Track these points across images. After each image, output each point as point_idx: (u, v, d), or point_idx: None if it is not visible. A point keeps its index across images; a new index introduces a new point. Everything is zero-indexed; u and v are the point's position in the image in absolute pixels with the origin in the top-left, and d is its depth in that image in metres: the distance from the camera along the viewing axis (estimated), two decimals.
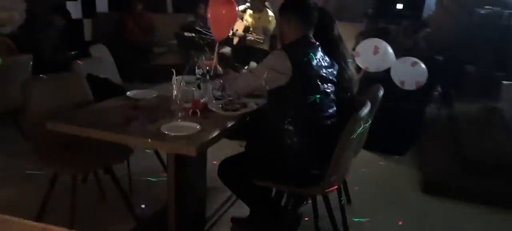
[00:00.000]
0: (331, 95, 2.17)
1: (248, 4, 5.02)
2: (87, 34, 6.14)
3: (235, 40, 5.08)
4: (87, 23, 6.17)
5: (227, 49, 5.10)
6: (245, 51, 5.03)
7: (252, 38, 4.85)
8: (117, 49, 5.76)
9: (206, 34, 4.82)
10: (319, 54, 2.14)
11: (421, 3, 3.61)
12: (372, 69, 3.84)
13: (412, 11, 3.67)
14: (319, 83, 2.08)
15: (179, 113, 2.22)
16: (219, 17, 2.90)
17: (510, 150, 3.52)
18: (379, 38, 4.24)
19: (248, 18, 5.15)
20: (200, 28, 4.94)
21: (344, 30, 5.99)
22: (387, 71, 3.88)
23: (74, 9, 5.85)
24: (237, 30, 5.12)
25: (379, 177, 3.59)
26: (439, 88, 4.90)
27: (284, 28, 2.20)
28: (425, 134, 4.23)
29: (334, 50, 2.39)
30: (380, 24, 4.42)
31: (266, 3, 5.19)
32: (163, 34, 6.22)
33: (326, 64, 2.16)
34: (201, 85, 2.48)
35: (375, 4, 3.82)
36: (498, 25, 4.97)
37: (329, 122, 2.15)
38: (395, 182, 3.52)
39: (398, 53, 4.45)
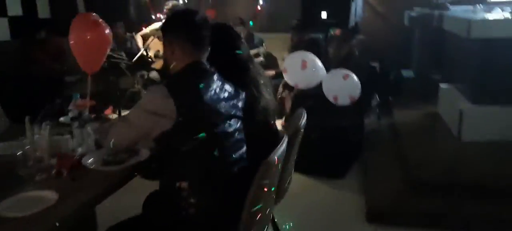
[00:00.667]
0: (236, 134, 1.69)
1: (163, 21, 4.49)
2: None
3: (158, 63, 4.54)
4: None
5: (154, 74, 4.54)
6: (167, 74, 4.49)
7: None
8: (22, 83, 5.07)
9: (119, 58, 4.24)
10: (216, 83, 1.66)
11: (347, 11, 3.26)
12: (302, 86, 3.45)
13: (337, 19, 3.32)
14: (216, 122, 1.59)
15: (37, 177, 1.65)
16: (84, 44, 2.35)
17: (457, 161, 3.24)
18: (309, 50, 3.88)
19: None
20: (110, 51, 4.32)
21: (278, 42, 5.76)
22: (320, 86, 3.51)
23: None
24: (158, 51, 4.57)
25: (317, 205, 3.17)
26: (377, 97, 4.61)
27: (167, 54, 1.71)
28: (366, 150, 3.88)
29: (241, 75, 1.93)
30: (307, 35, 4.07)
31: None
32: None
33: (226, 95, 1.68)
34: (75, 131, 1.93)
35: (300, 15, 3.43)
36: (430, 26, 4.78)
37: (236, 169, 1.67)
38: (336, 211, 3.11)
39: (331, 65, 4.13)
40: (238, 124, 1.70)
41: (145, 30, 4.57)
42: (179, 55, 1.65)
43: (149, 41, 4.46)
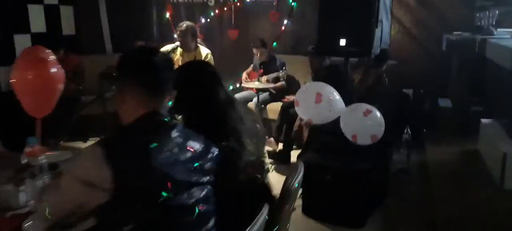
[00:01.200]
0: (199, 206, 1.33)
1: (177, 42, 4.23)
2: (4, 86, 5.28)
3: None
4: (5, 73, 5.31)
5: None
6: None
7: None
8: None
9: None
10: (175, 141, 1.32)
11: (369, 39, 2.85)
12: (316, 121, 3.06)
13: (358, 48, 2.91)
14: (170, 192, 1.25)
15: None
16: (27, 85, 2.07)
17: (498, 216, 2.74)
18: (329, 77, 3.50)
19: (179, 58, 4.36)
20: None
21: (302, 65, 5.40)
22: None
23: None
24: None
25: None
26: (408, 130, 4.14)
27: (117, 104, 1.39)
28: (390, 194, 3.42)
29: (218, 125, 1.59)
30: (327, 59, 3.69)
31: (199, 40, 4.43)
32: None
33: (188, 155, 1.34)
34: (27, 183, 1.65)
35: (316, 41, 3.06)
36: (471, 53, 4.28)
37: None
38: None
39: (355, 94, 3.73)
40: (203, 193, 1.35)
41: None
42: (131, 105, 1.34)
43: None
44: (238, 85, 5.35)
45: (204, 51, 4.27)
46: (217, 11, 5.79)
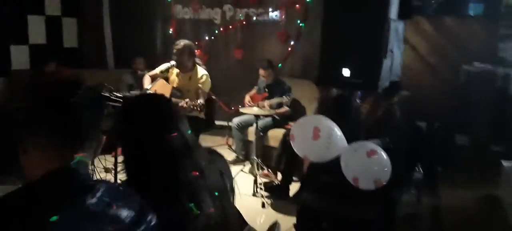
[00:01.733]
0: None
1: (173, 62, 3.95)
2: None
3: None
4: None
5: None
6: None
7: (185, 105, 3.71)
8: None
9: (115, 101, 3.71)
10: (93, 208, 0.98)
11: (377, 70, 2.50)
12: (313, 158, 2.71)
13: (363, 79, 2.56)
14: None
15: None
16: None
17: None
18: (335, 108, 3.17)
19: (175, 79, 4.08)
20: (109, 92, 3.84)
21: (311, 90, 5.07)
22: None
23: None
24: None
25: None
26: (420, 168, 3.75)
27: (20, 159, 1.07)
28: None
29: (167, 180, 1.27)
30: (333, 91, 3.36)
31: (197, 60, 4.13)
32: None
33: (112, 229, 1.01)
34: None
35: (317, 69, 2.72)
36: (492, 86, 3.89)
37: None
38: None
39: (362, 129, 3.37)
40: None
41: (155, 70, 4.04)
42: (34, 157, 1.02)
43: (152, 84, 3.93)
44: (240, 107, 5.03)
45: (201, 72, 3.98)
46: (222, 29, 5.52)
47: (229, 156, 5.02)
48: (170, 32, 5.76)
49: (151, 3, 5.88)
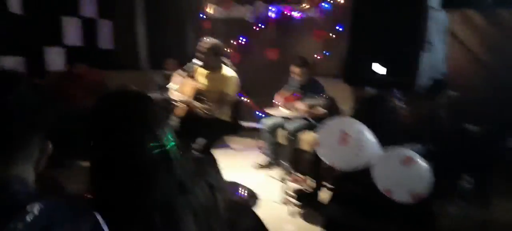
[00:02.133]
0: None
1: (198, 61, 3.76)
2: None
3: (181, 109, 3.82)
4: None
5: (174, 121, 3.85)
6: (191, 123, 3.76)
7: (197, 106, 3.57)
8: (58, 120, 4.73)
9: None
10: None
11: (414, 65, 2.16)
12: (340, 166, 2.42)
13: (398, 78, 2.23)
14: None
15: None
16: None
17: None
18: (371, 111, 2.85)
19: (201, 79, 3.89)
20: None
21: (348, 92, 4.74)
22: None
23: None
24: (187, 95, 3.85)
25: None
26: (470, 177, 3.33)
27: None
28: None
29: (137, 198, 1.04)
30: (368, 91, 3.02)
31: (225, 60, 3.92)
32: None
33: None
34: None
35: (345, 66, 2.41)
36: None
37: None
38: None
39: (400, 134, 3.03)
40: None
41: (182, 70, 3.87)
42: None
43: (175, 81, 3.78)
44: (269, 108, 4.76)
45: (226, 73, 3.76)
46: (255, 28, 5.30)
47: (260, 159, 4.79)
48: (202, 31, 5.61)
49: (183, 3, 5.77)
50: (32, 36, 5.04)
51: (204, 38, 3.81)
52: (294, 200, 3.64)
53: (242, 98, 5.37)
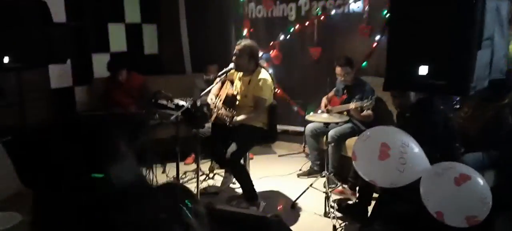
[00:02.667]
0: None
1: (231, 65, 3.56)
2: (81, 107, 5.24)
3: (214, 115, 3.67)
4: (81, 92, 5.28)
5: (205, 129, 3.71)
6: (223, 131, 3.59)
7: (219, 112, 3.41)
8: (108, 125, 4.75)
9: (167, 107, 3.45)
10: None
11: (468, 66, 1.81)
12: (382, 184, 2.11)
13: (448, 81, 1.88)
14: None
15: None
16: None
17: None
18: (416, 116, 2.52)
19: (237, 82, 3.71)
20: (166, 99, 3.58)
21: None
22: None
23: (60, 75, 5.01)
24: (219, 100, 3.68)
25: None
26: None
27: None
28: None
29: None
30: (411, 96, 2.65)
31: (261, 61, 3.71)
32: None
33: None
34: None
35: (387, 67, 2.10)
36: None
37: None
38: None
39: (459, 138, 2.68)
40: None
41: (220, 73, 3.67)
42: None
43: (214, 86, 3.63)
44: (319, 112, 4.45)
45: (260, 76, 3.54)
46: (297, 26, 5.03)
47: (305, 166, 4.53)
48: (244, 33, 5.43)
49: (224, 5, 5.62)
50: (79, 43, 5.14)
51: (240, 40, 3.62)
52: (337, 213, 3.36)
53: (290, 101, 5.13)
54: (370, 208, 3.16)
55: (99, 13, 5.39)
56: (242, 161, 3.64)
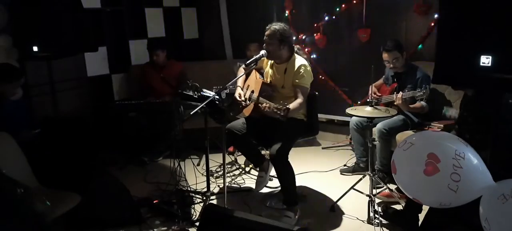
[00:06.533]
0: None
1: (263, 52, 3.19)
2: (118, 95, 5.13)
3: (249, 108, 3.33)
4: (118, 80, 5.16)
5: (236, 123, 3.37)
6: (259, 125, 3.26)
7: (267, 108, 2.95)
8: (140, 113, 4.60)
9: (192, 101, 3.15)
10: None
11: None
12: (429, 204, 1.68)
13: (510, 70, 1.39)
14: None
15: None
16: None
17: None
18: (474, 117, 2.04)
19: (269, 71, 3.34)
20: (193, 90, 3.27)
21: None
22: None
23: (97, 63, 4.91)
24: (252, 91, 3.33)
25: None
26: None
27: None
28: None
29: None
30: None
31: (296, 47, 3.29)
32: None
33: None
34: None
35: (437, 59, 1.63)
36: None
37: None
38: None
39: None
40: None
41: (249, 62, 3.30)
42: None
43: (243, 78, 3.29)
44: (368, 100, 3.92)
45: (298, 63, 3.14)
46: (343, 5, 4.54)
47: (350, 161, 4.11)
48: (286, 15, 5.02)
49: None
50: (115, 29, 5.01)
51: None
52: (382, 219, 2.93)
53: (336, 88, 4.69)
54: (421, 216, 2.70)
55: None
56: None
